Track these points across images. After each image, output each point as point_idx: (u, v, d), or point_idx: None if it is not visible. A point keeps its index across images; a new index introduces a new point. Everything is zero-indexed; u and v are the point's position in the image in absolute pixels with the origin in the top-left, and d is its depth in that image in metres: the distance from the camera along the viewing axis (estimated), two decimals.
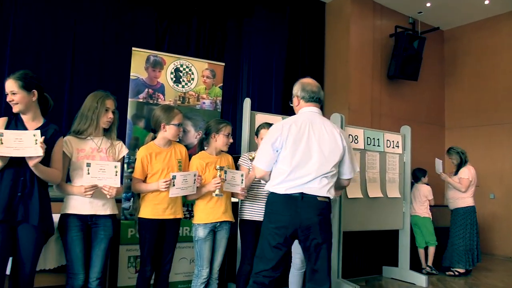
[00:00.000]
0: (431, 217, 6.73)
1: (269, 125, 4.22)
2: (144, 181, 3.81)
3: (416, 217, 6.73)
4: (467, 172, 6.66)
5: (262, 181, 3.98)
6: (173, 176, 3.66)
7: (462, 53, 9.79)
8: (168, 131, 3.85)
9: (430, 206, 6.81)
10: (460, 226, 6.58)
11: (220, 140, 4.01)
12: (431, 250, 6.71)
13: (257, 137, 4.34)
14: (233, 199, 4.23)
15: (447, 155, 6.95)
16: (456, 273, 6.55)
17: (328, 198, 3.20)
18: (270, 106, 7.84)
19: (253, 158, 3.99)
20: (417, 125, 8.76)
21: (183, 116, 3.98)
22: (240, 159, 4.30)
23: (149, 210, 3.76)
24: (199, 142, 4.21)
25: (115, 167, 3.37)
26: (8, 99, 3.17)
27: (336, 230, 5.33)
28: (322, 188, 3.18)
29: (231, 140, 4.05)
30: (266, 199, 3.92)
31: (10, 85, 3.13)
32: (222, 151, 4.08)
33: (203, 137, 4.14)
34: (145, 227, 3.75)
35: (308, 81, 3.46)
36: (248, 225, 4.14)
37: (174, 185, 3.65)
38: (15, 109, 3.18)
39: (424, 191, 6.76)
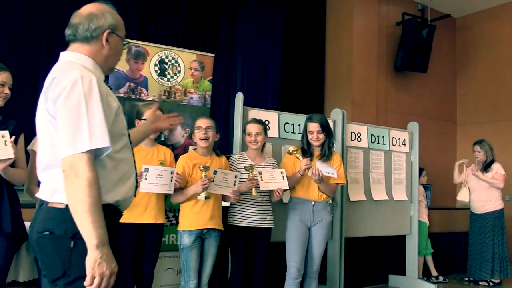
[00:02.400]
0: (427, 223, 6.64)
1: (256, 121, 4.29)
2: None
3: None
4: (501, 167, 6.58)
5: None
6: (145, 168, 3.64)
7: (476, 43, 9.78)
8: None
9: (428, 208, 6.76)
10: (490, 232, 6.50)
11: (195, 137, 4.03)
12: (429, 260, 6.66)
13: (244, 134, 4.34)
14: (224, 203, 4.23)
15: (477, 147, 6.76)
16: (491, 284, 6.50)
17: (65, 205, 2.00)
18: (266, 101, 7.82)
19: (250, 167, 4.04)
20: (427, 121, 8.73)
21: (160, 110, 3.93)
22: (229, 161, 4.28)
23: (125, 213, 3.70)
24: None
25: None
26: None
27: (337, 236, 5.33)
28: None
29: (208, 135, 3.97)
30: (257, 204, 4.04)
31: None
32: (205, 148, 4.05)
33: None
34: (121, 232, 3.69)
35: None
36: (238, 231, 4.12)
37: (146, 179, 3.64)
38: None
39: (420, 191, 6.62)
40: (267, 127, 4.42)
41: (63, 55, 2.16)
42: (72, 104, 1.92)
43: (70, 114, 1.91)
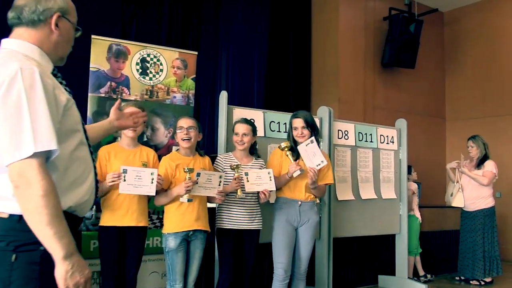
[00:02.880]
0: (420, 219, 6.65)
1: (245, 121, 4.28)
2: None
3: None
4: (493, 165, 6.59)
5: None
6: (123, 169, 3.62)
7: (464, 38, 9.85)
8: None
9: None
10: (480, 231, 6.51)
11: (177, 138, 4.05)
12: (417, 259, 6.66)
13: (233, 132, 4.33)
14: (210, 205, 4.22)
15: (470, 142, 6.75)
16: (482, 283, 6.53)
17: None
18: (252, 100, 7.83)
19: (236, 167, 4.04)
20: (415, 118, 8.81)
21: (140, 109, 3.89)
22: (215, 161, 4.28)
23: (107, 216, 3.78)
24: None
25: None
26: None
27: (325, 236, 5.34)
28: None
29: (190, 135, 3.97)
30: (245, 205, 4.06)
31: None
32: (188, 149, 4.05)
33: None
34: (103, 236, 3.78)
35: None
36: (226, 234, 4.13)
37: (125, 180, 3.61)
38: None
39: (412, 188, 6.62)
40: (256, 128, 4.39)
41: (4, 42, 1.94)
42: (11, 102, 1.71)
43: (9, 114, 1.71)
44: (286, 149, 4.28)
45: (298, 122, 4.40)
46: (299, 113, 4.48)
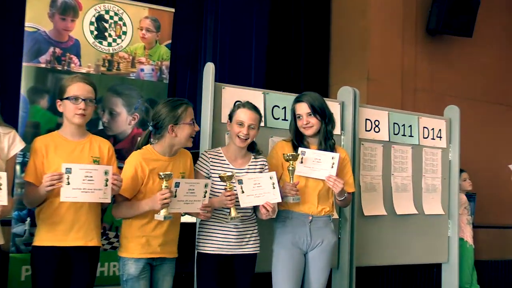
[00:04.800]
0: (472, 245, 6.63)
1: (253, 107, 4.22)
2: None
3: None
4: None
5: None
6: (67, 168, 3.54)
7: None
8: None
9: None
10: None
11: (183, 133, 3.92)
12: None
13: (230, 122, 4.26)
14: (187, 219, 4.29)
15: None
16: None
17: None
18: (248, 78, 7.86)
19: (227, 178, 3.95)
20: (472, 105, 8.81)
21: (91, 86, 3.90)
22: (198, 161, 4.25)
23: (43, 233, 3.76)
24: (144, 138, 4.09)
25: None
26: None
27: (346, 264, 5.32)
28: None
29: (197, 128, 4.02)
30: (236, 221, 4.05)
31: None
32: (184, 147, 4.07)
33: (151, 130, 4.05)
34: (38, 259, 3.74)
35: None
36: (210, 260, 4.11)
37: (68, 183, 3.53)
38: None
39: (462, 201, 6.62)
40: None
41: None
42: None
43: None
44: (291, 161, 4.17)
45: (302, 108, 4.36)
46: (303, 95, 4.45)
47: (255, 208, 4.18)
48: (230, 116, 4.25)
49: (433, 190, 6.09)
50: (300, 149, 4.30)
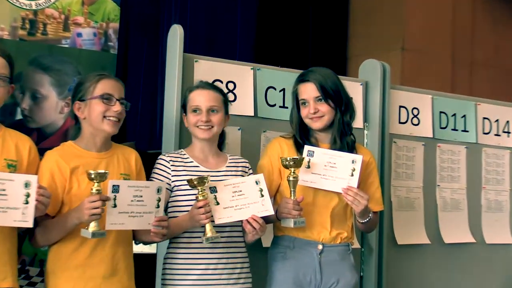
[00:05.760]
0: None
1: (209, 85, 4.09)
2: None
3: None
4: None
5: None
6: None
7: None
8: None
9: None
10: None
11: (94, 112, 3.65)
12: None
13: (185, 114, 4.04)
14: (143, 249, 4.38)
15: None
16: None
17: None
18: (232, 49, 7.71)
19: (199, 182, 3.63)
20: None
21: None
22: (156, 164, 3.97)
23: None
24: (74, 131, 3.91)
25: None
26: None
27: None
28: None
29: (117, 108, 3.71)
30: (218, 247, 3.84)
31: None
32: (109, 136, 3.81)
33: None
34: None
35: None
36: None
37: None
38: None
39: None
40: (229, 99, 4.22)
41: None
42: None
43: None
44: (293, 167, 3.85)
45: (309, 90, 4.03)
46: (309, 73, 4.12)
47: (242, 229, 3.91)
48: (184, 107, 4.05)
49: (498, 209, 5.92)
50: (307, 148, 3.97)
